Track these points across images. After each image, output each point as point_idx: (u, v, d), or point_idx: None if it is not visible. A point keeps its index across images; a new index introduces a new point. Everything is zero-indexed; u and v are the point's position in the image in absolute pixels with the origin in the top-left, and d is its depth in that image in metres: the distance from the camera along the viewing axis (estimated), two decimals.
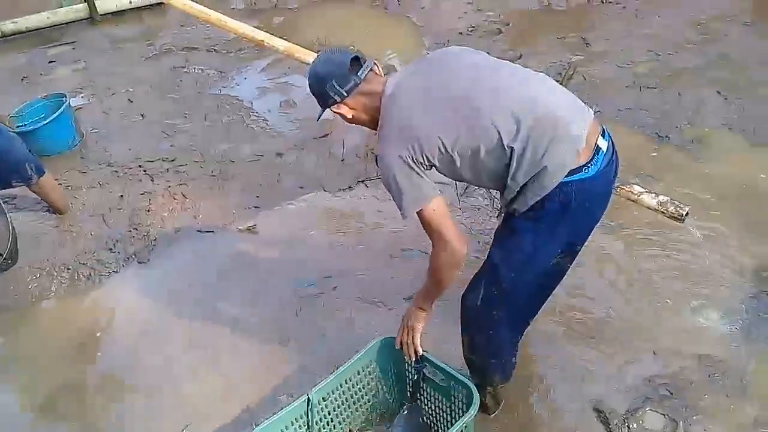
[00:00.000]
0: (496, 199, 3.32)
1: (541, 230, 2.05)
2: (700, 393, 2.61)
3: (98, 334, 3.23)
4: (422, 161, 1.98)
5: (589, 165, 1.99)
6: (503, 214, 2.19)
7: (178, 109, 4.95)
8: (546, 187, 1.95)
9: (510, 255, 2.11)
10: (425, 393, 2.44)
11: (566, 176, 1.95)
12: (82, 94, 5.30)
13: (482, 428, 2.50)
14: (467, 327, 2.33)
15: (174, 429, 2.70)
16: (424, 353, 2.35)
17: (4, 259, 3.35)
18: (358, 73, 2.04)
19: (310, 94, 2.12)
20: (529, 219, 2.04)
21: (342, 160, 4.20)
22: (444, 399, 2.36)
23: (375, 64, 2.12)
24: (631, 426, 2.50)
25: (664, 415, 2.53)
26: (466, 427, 2.14)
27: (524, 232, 2.07)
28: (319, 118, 2.23)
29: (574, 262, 2.25)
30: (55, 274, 3.55)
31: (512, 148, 1.92)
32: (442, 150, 1.97)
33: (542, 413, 2.61)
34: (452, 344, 2.48)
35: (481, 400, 2.32)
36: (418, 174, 1.99)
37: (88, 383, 2.97)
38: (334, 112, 2.12)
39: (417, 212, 2.02)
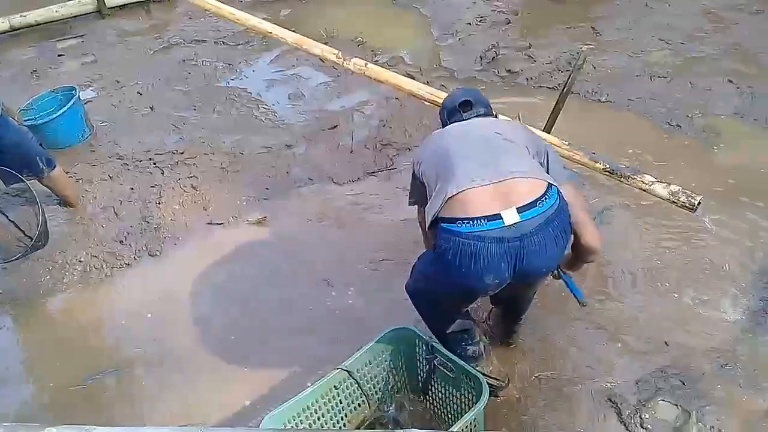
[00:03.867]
0: None
1: (429, 254, 2.34)
2: (713, 383, 2.61)
3: (109, 327, 3.25)
4: (417, 171, 2.41)
5: (466, 222, 2.10)
6: None
7: (188, 102, 4.96)
8: (428, 221, 2.24)
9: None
10: (436, 384, 2.44)
11: (442, 222, 2.15)
12: (91, 87, 5.30)
13: (493, 418, 2.50)
14: None
15: (183, 418, 2.72)
16: (435, 345, 2.35)
17: (34, 242, 3.36)
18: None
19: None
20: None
21: (351, 152, 4.19)
22: (454, 390, 2.37)
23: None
24: (643, 416, 2.50)
25: (676, 405, 2.53)
26: (475, 419, 2.15)
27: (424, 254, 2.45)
28: None
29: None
30: (67, 267, 3.57)
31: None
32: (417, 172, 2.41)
33: (554, 403, 2.61)
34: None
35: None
36: (415, 177, 2.44)
37: (98, 375, 2.98)
38: None
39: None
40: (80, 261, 3.59)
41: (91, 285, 3.47)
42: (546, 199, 2.11)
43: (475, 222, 2.07)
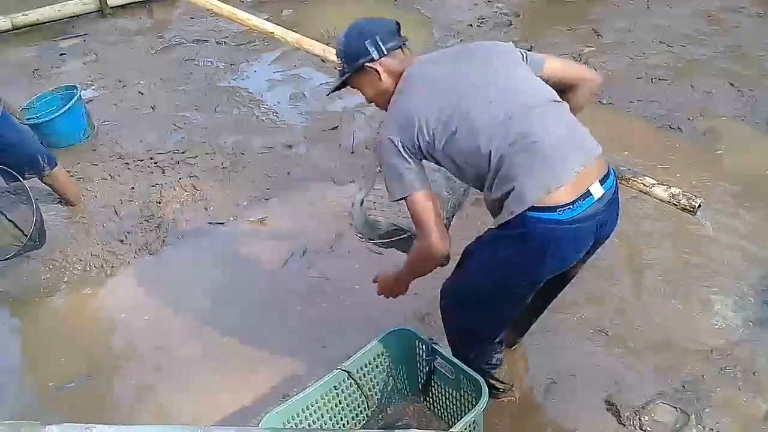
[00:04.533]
0: None
1: (496, 252, 2.01)
2: (712, 386, 2.60)
3: (109, 326, 3.25)
4: (412, 149, 1.98)
5: (566, 208, 1.89)
6: None
7: (189, 102, 4.96)
8: (511, 211, 1.89)
9: (471, 261, 2.13)
10: (436, 385, 2.45)
11: (534, 211, 1.87)
12: (92, 87, 5.32)
13: (493, 419, 2.50)
14: (441, 314, 2.39)
15: (182, 418, 2.72)
16: (435, 346, 2.35)
17: (29, 239, 3.36)
18: (400, 38, 2.11)
19: (339, 56, 2.12)
20: (493, 235, 2.01)
21: (352, 152, 4.20)
22: (454, 392, 2.37)
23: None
24: (642, 419, 2.50)
25: (675, 408, 2.53)
26: (474, 421, 2.15)
27: (484, 245, 2.07)
28: (334, 90, 2.24)
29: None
30: (68, 265, 3.57)
31: (489, 158, 1.90)
32: (428, 137, 1.96)
33: (553, 405, 2.60)
34: None
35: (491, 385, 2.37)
36: (408, 162, 1.97)
37: (98, 374, 2.99)
38: (354, 86, 2.15)
39: (403, 199, 2.00)
40: (81, 260, 3.60)
41: (92, 284, 3.47)
42: (608, 162, 2.06)
43: (574, 205, 1.91)
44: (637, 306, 2.97)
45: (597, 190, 1.95)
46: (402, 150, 1.97)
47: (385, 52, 2.05)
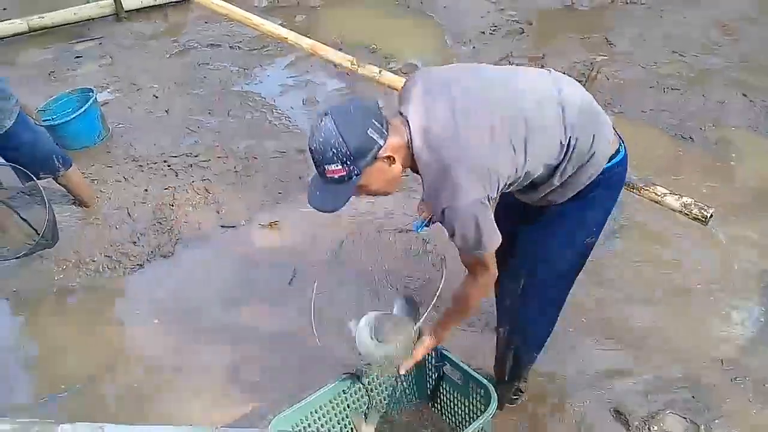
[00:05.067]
0: None
1: (584, 215, 2.04)
2: (722, 397, 2.60)
3: (120, 327, 3.28)
4: (494, 195, 1.83)
5: (620, 148, 2.01)
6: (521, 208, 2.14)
7: (202, 105, 5.00)
8: (591, 175, 1.93)
9: (552, 243, 2.09)
10: (444, 391, 2.45)
11: (608, 162, 1.96)
12: (108, 90, 5.36)
13: (501, 427, 2.51)
14: (504, 318, 2.33)
15: (191, 419, 2.74)
16: (444, 352, 2.36)
17: (42, 237, 3.39)
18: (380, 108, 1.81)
19: (337, 161, 1.71)
20: (571, 206, 2.01)
21: None
22: (462, 398, 2.38)
23: None
24: (651, 428, 2.50)
25: (684, 418, 2.53)
26: (482, 428, 2.15)
27: (565, 219, 2.04)
28: (345, 201, 1.81)
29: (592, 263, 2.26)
30: (81, 266, 3.60)
31: (568, 143, 1.85)
32: (519, 171, 1.84)
33: (561, 413, 2.61)
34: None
35: (501, 394, 2.37)
36: (490, 210, 1.83)
37: (108, 374, 3.01)
38: (361, 186, 1.80)
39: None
40: (93, 260, 3.63)
41: (104, 284, 3.50)
42: None
43: (620, 148, 2.03)
44: (647, 315, 2.96)
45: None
46: (489, 202, 1.82)
47: (387, 133, 1.76)
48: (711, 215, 2.79)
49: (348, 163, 1.71)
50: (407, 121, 1.81)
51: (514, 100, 1.83)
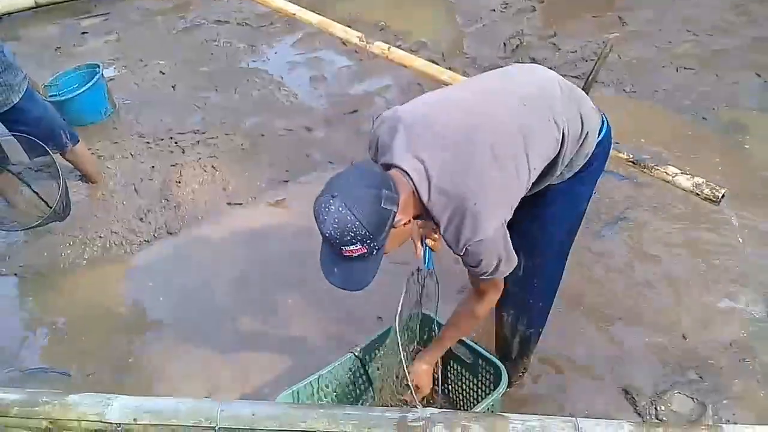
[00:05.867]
0: None
1: (579, 190, 2.06)
2: (730, 378, 2.58)
3: (126, 303, 3.28)
4: (509, 216, 1.80)
5: (602, 118, 2.00)
6: None
7: (209, 82, 4.97)
8: (587, 154, 1.94)
9: (551, 222, 2.08)
10: (453, 370, 2.45)
11: (598, 137, 1.96)
12: (114, 66, 5.34)
13: (508, 405, 2.50)
14: (507, 302, 2.28)
15: (199, 393, 2.75)
16: None
17: (53, 210, 3.38)
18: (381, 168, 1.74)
19: (357, 241, 1.63)
20: (567, 184, 1.99)
21: None
22: (471, 377, 2.37)
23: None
24: (658, 408, 2.49)
25: (692, 398, 2.52)
26: (492, 405, 2.15)
27: (563, 197, 2.03)
28: (372, 277, 1.76)
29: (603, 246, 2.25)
30: (88, 242, 3.61)
31: (562, 134, 1.82)
32: (528, 183, 1.82)
33: (569, 392, 2.60)
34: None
35: (510, 373, 2.36)
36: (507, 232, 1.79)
37: (114, 347, 3.03)
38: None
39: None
40: (100, 237, 3.63)
41: (111, 260, 3.51)
42: None
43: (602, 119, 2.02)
44: (656, 296, 2.94)
45: None
46: (505, 224, 1.78)
47: (397, 195, 1.66)
48: (723, 195, 2.77)
49: (368, 241, 1.63)
50: (405, 173, 1.72)
51: (501, 117, 1.77)
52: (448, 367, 2.45)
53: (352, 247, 1.64)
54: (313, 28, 4.10)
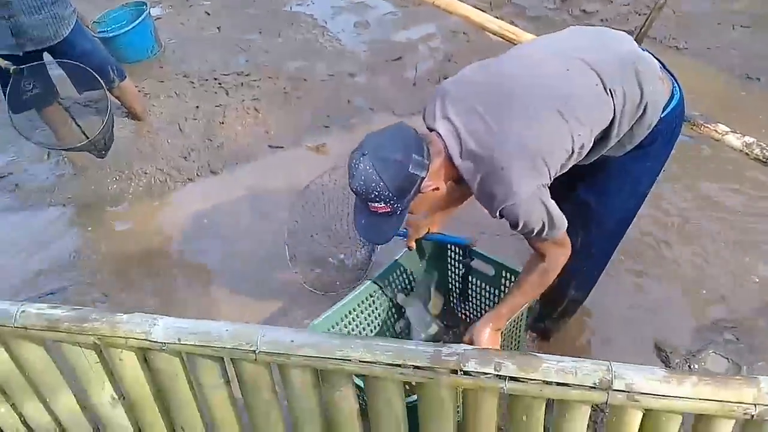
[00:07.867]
0: None
1: (644, 167, 1.98)
2: (766, 340, 2.56)
3: (168, 235, 3.37)
4: (549, 180, 1.76)
5: (674, 91, 1.90)
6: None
7: (254, 25, 4.96)
8: (650, 125, 1.83)
9: (613, 199, 2.04)
10: (473, 286, 2.48)
11: (664, 111, 1.85)
12: (160, 5, 5.35)
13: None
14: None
15: (229, 316, 2.80)
16: (472, 248, 2.37)
17: (89, 141, 3.41)
18: (417, 133, 1.75)
19: (381, 199, 1.69)
20: (631, 158, 1.92)
21: (414, 84, 4.15)
22: (494, 289, 2.40)
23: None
24: (692, 366, 2.48)
25: (727, 358, 2.50)
26: (522, 313, 2.17)
27: (626, 173, 1.97)
28: (393, 235, 1.83)
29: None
30: (133, 177, 3.69)
31: (613, 99, 1.74)
32: (571, 149, 1.75)
33: (602, 344, 2.61)
34: None
35: (548, 327, 2.47)
36: (548, 193, 1.77)
37: (157, 276, 3.13)
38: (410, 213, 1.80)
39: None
40: (145, 173, 3.71)
41: (155, 196, 3.59)
42: None
43: (673, 91, 1.92)
44: (697, 255, 2.90)
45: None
46: (547, 187, 1.76)
47: (428, 161, 1.70)
48: None
49: (392, 202, 1.69)
50: (440, 136, 1.75)
51: (541, 81, 1.75)
52: (468, 282, 2.48)
53: (376, 204, 1.71)
54: None
